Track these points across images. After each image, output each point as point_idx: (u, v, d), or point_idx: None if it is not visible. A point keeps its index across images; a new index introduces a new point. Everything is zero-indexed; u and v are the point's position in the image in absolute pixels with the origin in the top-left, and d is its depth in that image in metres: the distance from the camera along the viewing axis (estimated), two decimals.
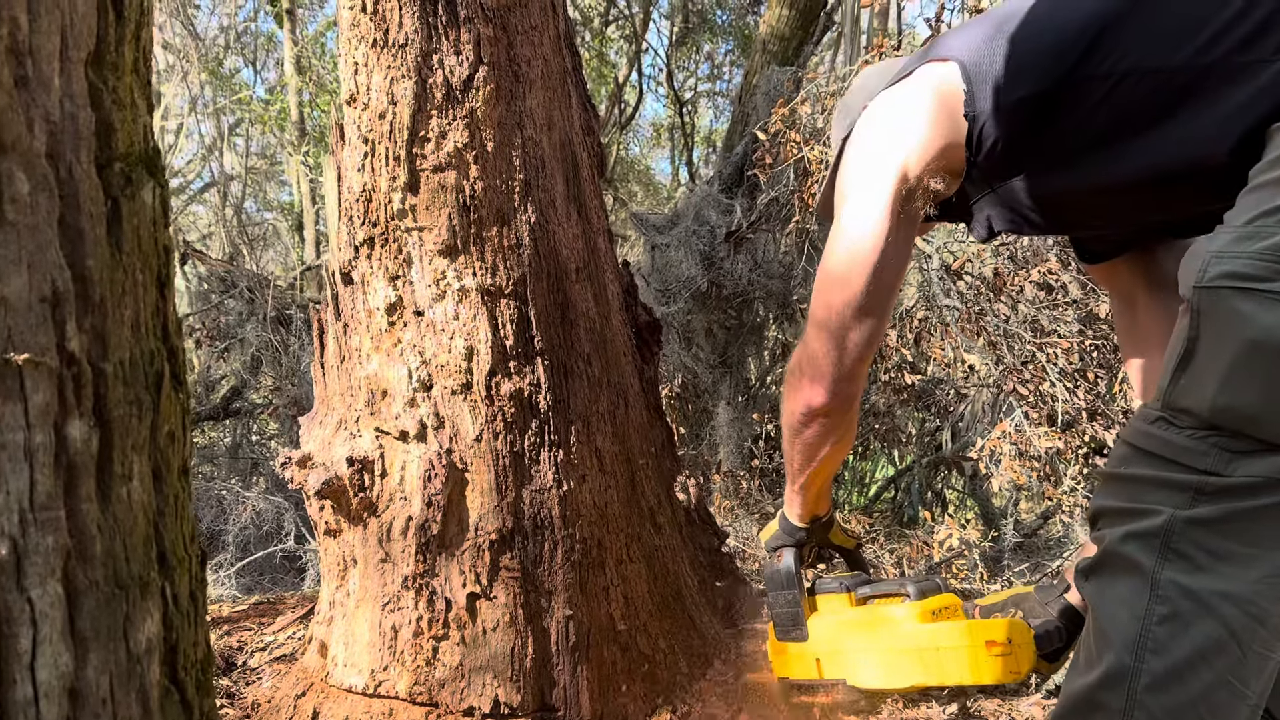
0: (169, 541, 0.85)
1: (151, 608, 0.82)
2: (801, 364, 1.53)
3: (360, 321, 1.89)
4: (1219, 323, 1.03)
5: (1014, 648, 1.48)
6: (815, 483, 1.67)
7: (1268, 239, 1.01)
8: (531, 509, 1.82)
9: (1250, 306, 1.01)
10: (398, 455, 1.82)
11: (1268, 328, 0.99)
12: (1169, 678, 1.04)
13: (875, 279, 1.40)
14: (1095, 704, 1.09)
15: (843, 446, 1.60)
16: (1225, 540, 1.04)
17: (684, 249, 4.59)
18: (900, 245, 1.40)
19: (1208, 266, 1.04)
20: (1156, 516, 1.07)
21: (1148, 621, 1.06)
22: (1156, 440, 1.10)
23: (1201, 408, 1.05)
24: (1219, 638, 1.03)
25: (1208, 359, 1.05)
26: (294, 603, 3.33)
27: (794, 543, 1.76)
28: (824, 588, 1.76)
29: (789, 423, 1.57)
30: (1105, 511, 1.17)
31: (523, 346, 1.85)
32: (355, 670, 1.81)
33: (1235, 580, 1.03)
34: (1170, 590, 1.05)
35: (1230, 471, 1.03)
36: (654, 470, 2.13)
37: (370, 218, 1.84)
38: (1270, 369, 1.00)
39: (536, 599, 1.80)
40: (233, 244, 10.53)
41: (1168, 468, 1.08)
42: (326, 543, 1.91)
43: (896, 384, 4.00)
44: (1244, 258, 1.01)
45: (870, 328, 1.44)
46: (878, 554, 3.84)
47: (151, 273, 0.82)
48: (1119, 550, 1.11)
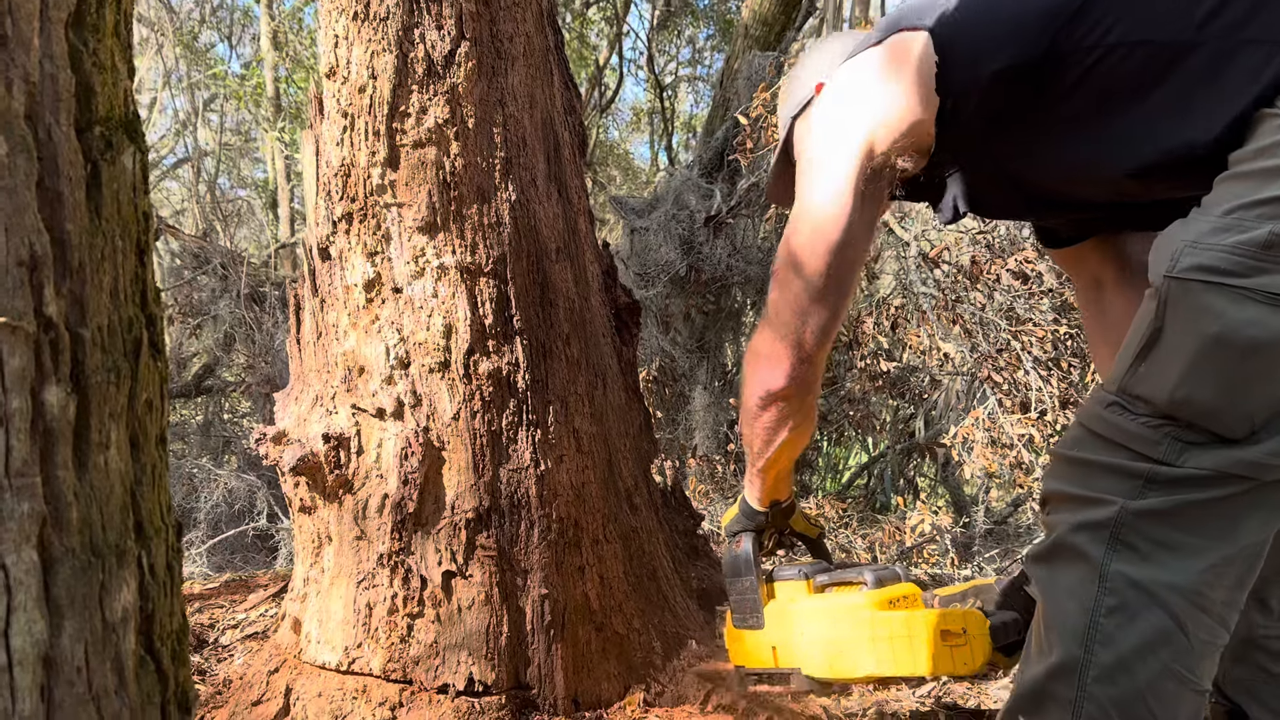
0: (146, 510, 0.85)
1: (128, 577, 0.82)
2: (760, 346, 1.51)
3: (337, 298, 1.88)
4: (1186, 315, 1.04)
5: (969, 639, 1.46)
6: (774, 467, 1.64)
7: (1244, 233, 1.01)
8: (509, 488, 1.82)
9: (1220, 302, 1.01)
10: (374, 433, 1.81)
11: (1235, 324, 1.00)
12: (1117, 669, 1.05)
13: (838, 258, 1.36)
14: (1046, 695, 1.10)
15: (802, 432, 1.57)
16: (1173, 531, 1.06)
17: (663, 233, 4.59)
18: (864, 224, 1.37)
19: (1180, 256, 1.04)
20: (1107, 507, 1.08)
21: (1096, 613, 1.07)
22: (1110, 425, 1.11)
23: (1159, 397, 1.06)
24: (1165, 628, 1.05)
25: (1171, 350, 1.05)
26: (266, 580, 3.32)
27: (753, 527, 1.73)
28: (782, 575, 1.73)
29: (747, 405, 1.56)
30: (1056, 495, 1.17)
31: (501, 325, 1.84)
32: (329, 647, 1.80)
33: (1181, 571, 1.05)
34: (1118, 582, 1.07)
35: (1181, 462, 1.05)
36: (631, 451, 2.13)
37: (349, 193, 1.83)
38: (1233, 365, 1.01)
39: (512, 578, 1.80)
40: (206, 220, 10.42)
41: (1120, 454, 1.09)
42: (301, 520, 1.91)
43: (872, 371, 4.03)
44: (1218, 250, 1.01)
45: (831, 310, 1.42)
46: (850, 539, 3.89)
47: (131, 239, 0.81)
48: (1069, 540, 1.12)
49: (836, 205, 1.35)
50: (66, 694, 0.76)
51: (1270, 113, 1.05)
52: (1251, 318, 0.99)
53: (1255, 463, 1.03)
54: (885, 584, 1.61)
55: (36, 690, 0.73)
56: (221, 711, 1.89)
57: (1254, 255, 1.00)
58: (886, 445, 5.27)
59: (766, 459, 1.60)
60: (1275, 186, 1.01)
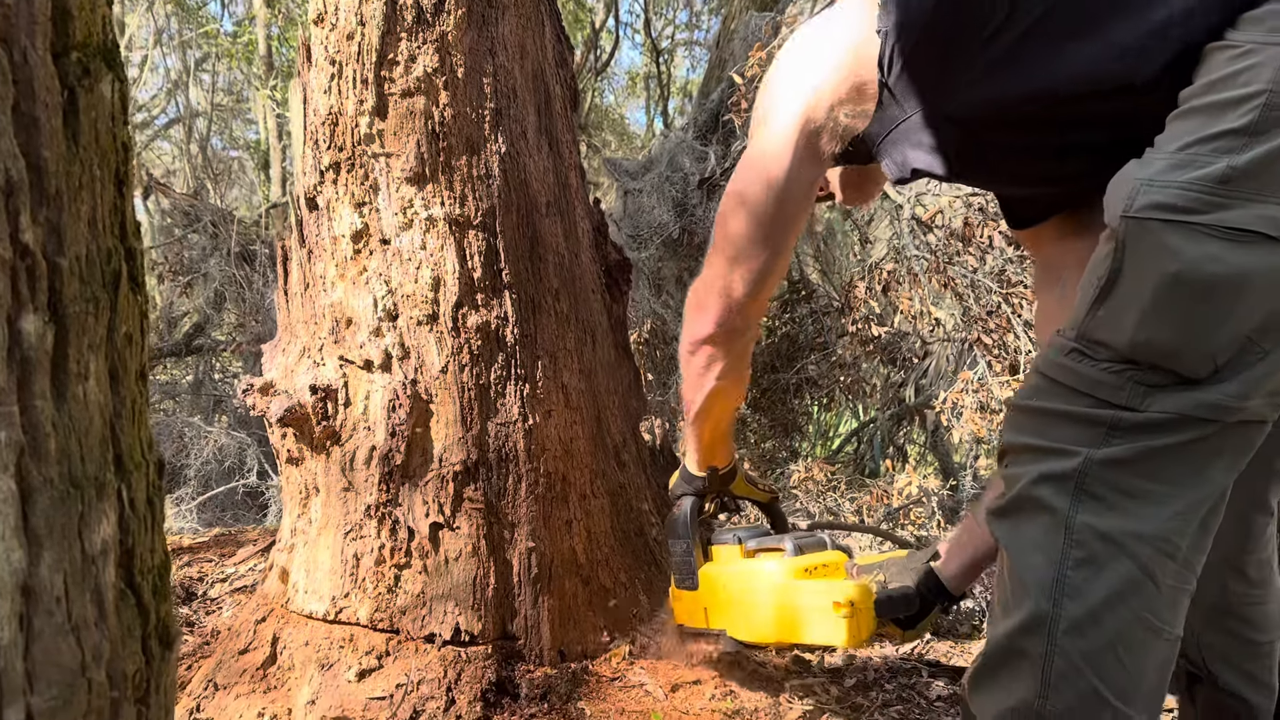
0: (126, 444, 0.85)
1: (107, 509, 0.81)
2: (694, 292, 1.53)
3: (325, 248, 1.87)
4: (1145, 255, 1.02)
5: (855, 612, 1.47)
6: (707, 425, 1.66)
7: (1200, 168, 0.99)
8: (496, 442, 1.82)
9: (1177, 240, 1.00)
10: (362, 384, 1.81)
11: (1193, 262, 0.99)
12: (1086, 621, 1.04)
13: (775, 209, 1.38)
14: (1016, 650, 1.09)
15: (731, 383, 1.58)
16: (1137, 479, 1.05)
17: (657, 195, 4.57)
18: (805, 179, 1.38)
19: (1136, 195, 1.02)
20: (1070, 458, 1.07)
21: (1063, 566, 1.06)
22: (1070, 372, 1.09)
23: (1120, 341, 1.04)
24: (1133, 578, 1.04)
25: (1129, 292, 1.04)
26: (255, 535, 3.33)
27: (693, 491, 1.76)
28: (719, 539, 1.78)
29: (680, 352, 1.59)
30: (1016, 447, 1.15)
31: (490, 279, 1.83)
32: (316, 597, 1.81)
33: (1148, 519, 1.04)
34: (1085, 534, 1.05)
35: (1145, 406, 1.03)
36: (620, 409, 2.13)
37: (336, 142, 1.81)
38: (1193, 304, 1.00)
39: (499, 530, 1.81)
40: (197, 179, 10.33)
41: (1081, 401, 1.08)
42: (289, 471, 1.91)
43: (863, 335, 4.03)
44: (1174, 188, 1.00)
45: (763, 259, 1.43)
46: (838, 502, 3.91)
47: (109, 169, 0.80)
48: (1032, 494, 1.10)
49: (778, 157, 1.36)
50: (46, 624, 0.76)
51: (1218, 46, 1.02)
52: (1211, 254, 0.98)
53: (1218, 404, 1.01)
54: (805, 552, 1.63)
55: (15, 619, 0.73)
56: (208, 661, 1.90)
57: (1211, 191, 0.98)
58: (876, 411, 5.29)
59: (697, 409, 1.63)
60: (1229, 119, 0.99)
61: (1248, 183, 0.98)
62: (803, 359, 4.56)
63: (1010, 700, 1.09)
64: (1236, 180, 0.98)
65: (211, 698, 1.80)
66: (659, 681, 1.80)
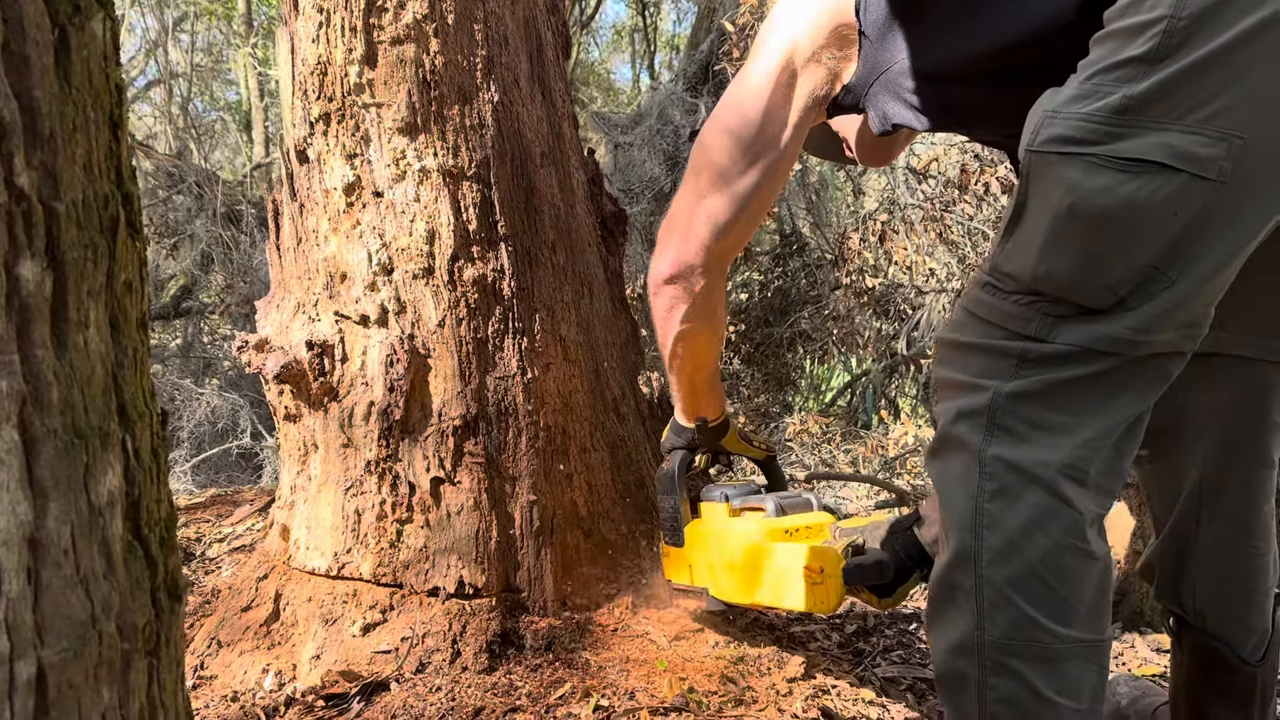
0: (129, 394, 0.83)
1: (112, 460, 0.80)
2: (662, 228, 1.50)
3: (317, 202, 1.84)
4: (1044, 188, 1.02)
5: (825, 578, 1.45)
6: (684, 370, 1.64)
7: (1101, 99, 0.98)
8: (495, 395, 1.81)
9: (1073, 172, 0.99)
10: (358, 340, 1.79)
11: (1087, 194, 0.98)
12: (1007, 550, 1.05)
13: (749, 150, 1.35)
14: (951, 585, 1.11)
15: (698, 333, 1.55)
16: (1045, 410, 1.05)
17: (647, 149, 4.52)
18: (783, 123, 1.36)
19: (1040, 128, 1.02)
20: (982, 393, 1.08)
21: (980, 499, 1.07)
22: (986, 305, 1.10)
23: (1024, 273, 1.05)
24: (1047, 504, 1.05)
25: (1031, 224, 1.04)
26: (252, 495, 3.33)
27: (684, 445, 1.75)
28: (707, 496, 1.76)
29: (647, 291, 1.57)
30: (941, 383, 1.17)
31: (486, 231, 1.81)
32: (318, 553, 1.81)
33: (1055, 448, 1.05)
34: (995, 466, 1.06)
35: (1052, 338, 1.04)
36: (618, 361, 2.12)
37: (326, 92, 1.77)
38: (1087, 236, 1.00)
39: (500, 484, 1.80)
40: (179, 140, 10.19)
41: (995, 334, 1.08)
42: (286, 428, 1.89)
43: (856, 288, 4.02)
44: (1074, 119, 0.99)
45: (729, 203, 1.40)
46: (833, 454, 3.92)
47: (103, 111, 0.78)
48: (951, 431, 1.11)
49: (756, 93, 1.34)
50: (54, 576, 0.75)
51: None
52: (1104, 185, 0.97)
53: (1119, 338, 1.02)
54: (786, 513, 1.61)
55: (23, 572, 0.73)
56: (211, 619, 1.90)
57: (1108, 122, 0.97)
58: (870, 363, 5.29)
59: (668, 353, 1.61)
60: (1133, 46, 0.97)
61: (1145, 111, 0.97)
62: (795, 313, 4.55)
63: (954, 635, 1.10)
64: (1134, 109, 0.97)
65: (215, 655, 1.80)
66: (662, 631, 1.81)
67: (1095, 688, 1.06)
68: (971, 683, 1.08)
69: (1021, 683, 1.04)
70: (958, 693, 1.10)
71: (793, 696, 1.62)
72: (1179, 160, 0.95)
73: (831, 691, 1.66)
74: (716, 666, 1.70)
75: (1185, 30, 0.94)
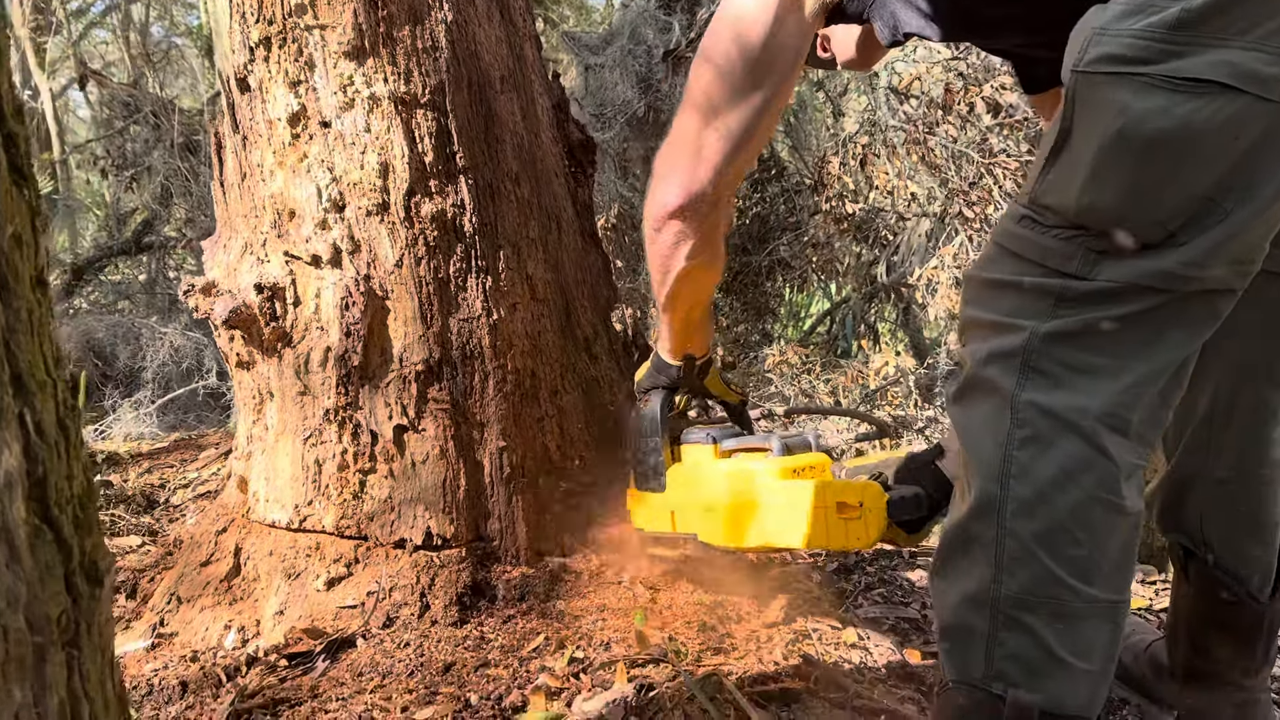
0: (25, 362, 0.74)
1: (9, 438, 0.71)
2: (660, 161, 1.38)
3: (260, 134, 1.71)
4: (1092, 112, 0.94)
5: (864, 512, 1.39)
6: (680, 308, 1.53)
7: (1155, 13, 0.89)
8: (460, 339, 1.72)
9: (1124, 94, 0.91)
10: (311, 282, 1.69)
11: (1139, 117, 0.90)
12: (1036, 502, 0.99)
13: (760, 55, 1.23)
14: (969, 536, 1.04)
15: (704, 266, 1.45)
16: (1084, 353, 0.99)
17: (619, 70, 4.35)
18: (789, 35, 1.23)
19: (1088, 46, 0.93)
20: (1016, 334, 1.00)
21: (1009, 447, 1.00)
22: (1022, 240, 1.02)
23: (1067, 205, 0.97)
24: (1083, 455, 0.98)
25: (1076, 152, 0.96)
26: (216, 439, 3.25)
27: (666, 383, 1.65)
28: (689, 438, 1.67)
29: (645, 226, 1.44)
30: (971, 323, 1.09)
31: (443, 164, 1.70)
32: (279, 505, 1.73)
33: (1095, 394, 0.98)
34: (1028, 412, 0.99)
35: (1095, 275, 0.96)
36: (589, 299, 2.03)
37: (265, 14, 1.64)
38: (1138, 163, 0.92)
39: (468, 431, 1.73)
40: (136, 68, 9.81)
41: (1031, 270, 1.01)
42: (240, 375, 1.80)
43: (837, 214, 3.92)
44: (1126, 36, 0.90)
45: (744, 117, 1.27)
46: (813, 384, 3.87)
47: None
48: (981, 374, 1.04)
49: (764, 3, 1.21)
50: None
51: None
52: (1157, 107, 0.89)
53: (1169, 272, 0.94)
54: (793, 452, 1.54)
55: None
56: (170, 573, 1.84)
57: (1162, 38, 0.88)
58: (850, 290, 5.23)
59: (667, 292, 1.49)
60: None
61: (1203, 26, 0.88)
62: (774, 240, 4.46)
63: (967, 586, 1.03)
64: (1192, 24, 0.88)
65: (176, 611, 1.74)
66: (639, 577, 1.75)
67: (1108, 647, 1.01)
68: (980, 636, 1.02)
69: (1034, 639, 0.98)
70: (964, 646, 1.04)
71: (774, 643, 1.58)
72: (1241, 80, 0.86)
73: (813, 635, 1.62)
74: (695, 613, 1.65)
75: None
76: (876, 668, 1.57)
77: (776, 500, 1.49)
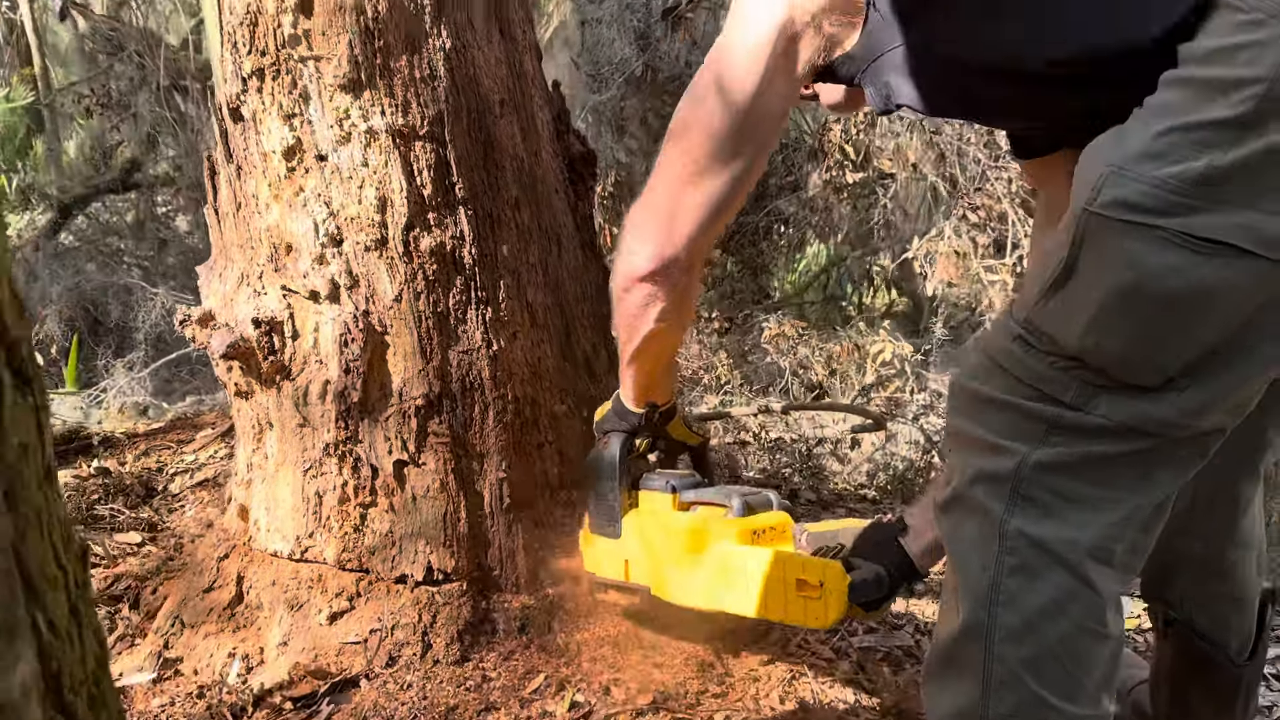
0: (35, 565, 0.73)
1: (22, 648, 0.71)
2: (635, 216, 1.34)
3: (255, 165, 1.67)
4: (1103, 255, 0.92)
5: (825, 593, 1.35)
6: (645, 364, 1.50)
7: (1178, 164, 0.87)
8: (459, 371, 1.71)
9: (1139, 246, 0.89)
10: (309, 316, 1.67)
11: (1153, 273, 0.89)
12: (1024, 630, 1.01)
13: (744, 118, 1.19)
14: (959, 656, 1.06)
15: (672, 327, 1.42)
16: (1075, 483, 0.99)
17: (617, 26, 4.23)
18: (779, 88, 1.19)
19: (1103, 186, 0.90)
20: (1008, 458, 1.00)
21: (998, 573, 1.02)
22: (1016, 360, 1.01)
23: (1068, 339, 0.96)
24: (1070, 587, 1.00)
25: (1083, 289, 0.94)
26: (213, 419, 3.24)
27: (625, 429, 1.60)
28: (649, 484, 1.62)
29: (613, 284, 1.41)
30: (958, 435, 1.09)
31: (442, 195, 1.67)
32: (280, 536, 1.75)
33: (1084, 526, 0.99)
34: (1018, 541, 1.00)
35: (1091, 409, 0.96)
36: (590, 317, 2.01)
37: (258, 45, 1.58)
38: (1147, 316, 0.91)
39: (468, 463, 1.73)
40: None
41: (1024, 392, 1.00)
42: (239, 404, 1.79)
43: (837, 183, 3.87)
44: (1145, 184, 0.88)
45: (723, 187, 1.24)
46: (809, 355, 3.87)
47: None
48: (969, 493, 1.05)
49: (748, 64, 1.17)
50: None
51: (1227, 3, 0.88)
52: (1172, 265, 0.88)
53: (1165, 420, 0.95)
54: (754, 510, 1.51)
55: None
56: (172, 597, 1.85)
57: (1184, 192, 0.86)
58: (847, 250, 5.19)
59: (633, 349, 1.47)
60: (1220, 106, 0.86)
61: (1228, 185, 0.86)
62: (771, 201, 4.41)
63: (956, 702, 1.07)
64: (1216, 181, 0.86)
65: (180, 635, 1.76)
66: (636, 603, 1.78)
67: None
68: None
69: None
70: None
71: (771, 682, 1.61)
72: (1260, 245, 0.85)
73: (809, 674, 1.66)
74: (693, 648, 1.68)
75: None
76: (872, 708, 1.61)
77: (735, 565, 1.45)
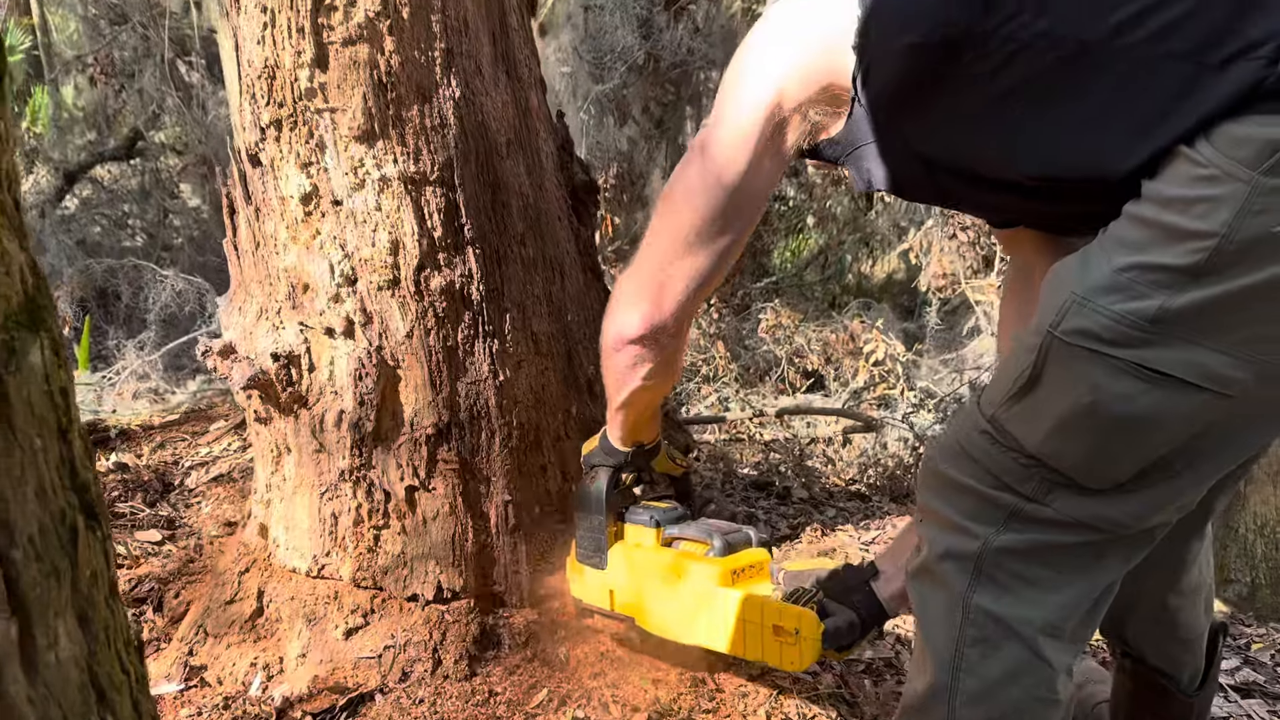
0: (104, 672, 0.84)
1: None
2: (626, 281, 1.44)
3: (273, 208, 1.75)
4: (1064, 375, 1.02)
5: (799, 640, 1.45)
6: (631, 414, 1.60)
7: (1135, 300, 0.96)
8: (467, 401, 1.81)
9: (1097, 373, 0.99)
10: (325, 350, 1.76)
11: (1109, 398, 0.99)
12: (983, 695, 1.14)
13: (730, 201, 1.27)
14: (924, 712, 1.19)
15: (660, 383, 1.51)
16: (1031, 566, 1.11)
17: (619, 13, 4.25)
18: (764, 172, 1.27)
19: (1068, 313, 1.00)
20: (971, 540, 1.12)
21: (961, 643, 1.14)
22: (983, 452, 1.12)
23: (1030, 442, 1.07)
24: (1025, 659, 1.12)
25: (1044, 402, 1.04)
26: (226, 410, 3.34)
27: (612, 464, 1.70)
28: (634, 518, 1.72)
29: (602, 341, 1.50)
30: (929, 511, 1.20)
31: (452, 237, 1.75)
32: (298, 554, 1.86)
33: (1038, 605, 1.11)
34: (979, 616, 1.12)
35: (1048, 502, 1.07)
36: (591, 339, 2.10)
37: (275, 97, 1.66)
38: (1103, 431, 1.02)
39: (475, 486, 1.83)
40: None
41: (988, 480, 1.11)
42: (258, 429, 1.89)
43: (834, 175, 3.92)
44: (1105, 316, 0.97)
45: (710, 261, 1.33)
46: (805, 343, 3.96)
47: (51, 429, 0.75)
48: (936, 568, 1.17)
49: (738, 146, 1.25)
50: None
51: (1187, 154, 0.94)
52: (1126, 392, 0.98)
53: (1115, 520, 1.06)
54: (734, 550, 1.59)
55: None
56: (196, 605, 1.97)
57: (1139, 327, 0.96)
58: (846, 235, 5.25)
59: (620, 401, 1.56)
60: (1174, 252, 0.94)
61: (1179, 326, 0.95)
62: None
63: None
64: (1168, 321, 0.95)
65: (203, 643, 1.88)
66: None
67: None
68: None
69: None
70: None
71: (759, 699, 1.73)
72: (1206, 380, 0.95)
73: (793, 689, 1.77)
74: (689, 660, 1.80)
75: (1235, 254, 0.91)
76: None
77: (714, 605, 1.55)
